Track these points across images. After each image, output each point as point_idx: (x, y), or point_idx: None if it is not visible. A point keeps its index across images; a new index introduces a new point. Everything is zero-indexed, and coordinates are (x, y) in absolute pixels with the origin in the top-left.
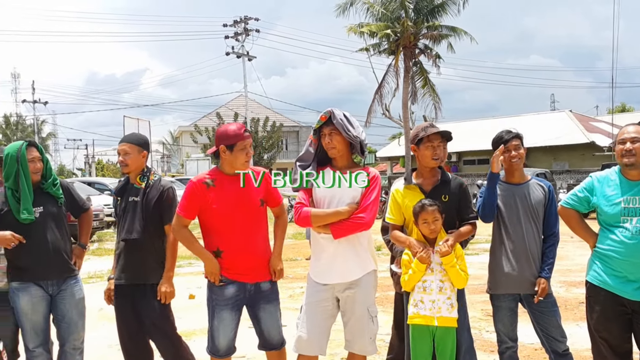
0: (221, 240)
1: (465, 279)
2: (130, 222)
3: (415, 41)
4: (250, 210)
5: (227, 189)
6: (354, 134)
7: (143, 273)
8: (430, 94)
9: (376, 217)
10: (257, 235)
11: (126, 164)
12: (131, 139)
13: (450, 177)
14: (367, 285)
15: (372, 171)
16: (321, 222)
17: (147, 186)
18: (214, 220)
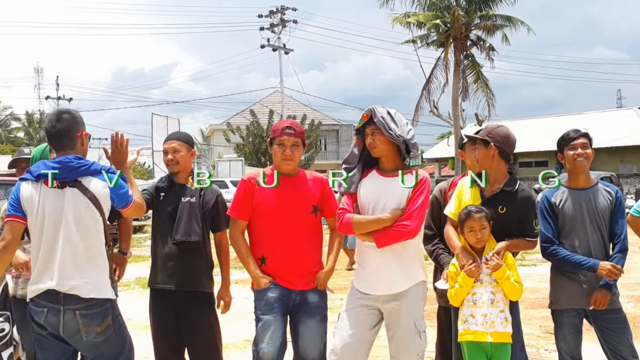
0: (266, 246)
1: (520, 290)
2: (187, 223)
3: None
4: (299, 215)
5: (277, 190)
6: (396, 133)
7: (195, 279)
8: (483, 89)
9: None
10: (306, 244)
11: (177, 162)
12: (181, 136)
13: (516, 187)
14: (415, 297)
15: (421, 174)
16: (363, 229)
17: (202, 188)
18: (259, 221)
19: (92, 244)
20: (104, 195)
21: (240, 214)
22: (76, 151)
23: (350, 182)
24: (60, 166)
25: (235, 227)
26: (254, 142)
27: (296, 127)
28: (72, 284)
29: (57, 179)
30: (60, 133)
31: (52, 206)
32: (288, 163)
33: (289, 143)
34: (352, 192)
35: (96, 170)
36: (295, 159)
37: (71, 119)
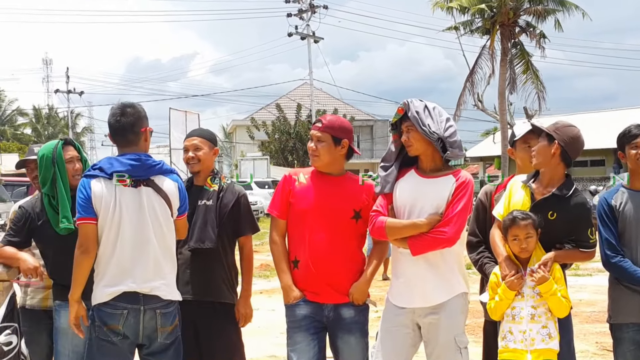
0: (299, 248)
1: (567, 306)
2: (202, 228)
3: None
4: (336, 218)
5: (314, 188)
6: (431, 129)
7: (213, 289)
8: (533, 80)
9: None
10: (342, 252)
11: (198, 160)
12: (203, 133)
13: (571, 192)
14: (454, 310)
15: (462, 175)
16: (397, 234)
17: (221, 189)
18: (293, 221)
19: (168, 244)
20: (175, 195)
21: (278, 212)
22: (139, 147)
23: (385, 181)
24: (139, 164)
25: (274, 226)
26: (280, 139)
27: (326, 120)
28: (153, 285)
29: (134, 177)
30: (125, 128)
31: (129, 205)
32: (313, 159)
33: (314, 137)
34: (386, 193)
35: (167, 169)
36: (321, 155)
37: (135, 113)
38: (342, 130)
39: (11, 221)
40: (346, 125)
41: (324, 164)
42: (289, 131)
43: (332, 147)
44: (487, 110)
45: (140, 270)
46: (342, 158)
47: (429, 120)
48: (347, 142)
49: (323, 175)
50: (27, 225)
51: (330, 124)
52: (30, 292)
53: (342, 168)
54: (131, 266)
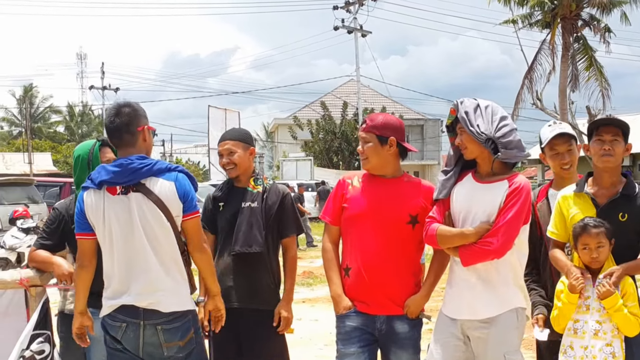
0: (350, 255)
1: (636, 324)
2: (247, 232)
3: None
4: (390, 223)
5: (367, 191)
6: (479, 130)
7: (259, 295)
8: (596, 77)
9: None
10: (396, 260)
11: (234, 164)
12: (234, 135)
13: (636, 190)
14: (507, 325)
15: (517, 181)
16: (448, 243)
17: (265, 190)
18: (346, 226)
19: (165, 254)
20: (172, 196)
21: (330, 218)
22: (138, 148)
23: (442, 186)
24: (121, 169)
25: (327, 233)
26: (324, 138)
27: (370, 119)
28: (150, 299)
29: (119, 184)
30: (120, 128)
31: (118, 216)
32: (362, 162)
33: (360, 139)
34: (442, 198)
35: (160, 169)
36: (369, 156)
37: (131, 112)
38: (388, 127)
39: (45, 223)
40: (392, 122)
41: (374, 166)
42: (334, 130)
43: (379, 147)
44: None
45: (135, 284)
46: (393, 158)
47: (479, 120)
48: (395, 140)
49: (376, 178)
50: (60, 228)
51: (373, 122)
52: (69, 297)
53: (396, 169)
54: (127, 279)
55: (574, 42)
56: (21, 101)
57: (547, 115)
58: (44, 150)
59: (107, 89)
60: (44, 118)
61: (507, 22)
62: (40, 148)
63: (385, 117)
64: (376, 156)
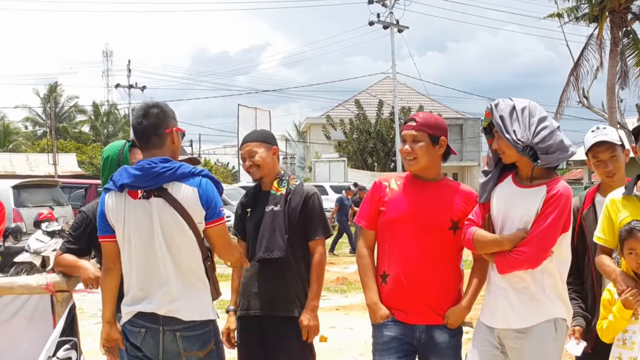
0: (388, 261)
1: None
2: (270, 236)
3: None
4: (431, 228)
5: (407, 195)
6: (516, 137)
7: (283, 302)
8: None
9: None
10: (436, 266)
11: (257, 166)
12: (254, 136)
13: None
14: (543, 336)
15: (556, 187)
16: (483, 248)
17: (289, 192)
18: (383, 230)
19: (186, 262)
20: (194, 202)
21: (366, 222)
22: (165, 150)
23: (482, 189)
24: (142, 173)
25: (362, 238)
26: (359, 139)
27: (420, 117)
28: (170, 307)
29: (141, 188)
30: (148, 130)
31: (139, 221)
32: (409, 162)
33: (408, 138)
34: (482, 202)
35: (184, 174)
36: (419, 156)
37: (160, 114)
38: (439, 127)
39: (71, 227)
40: (442, 122)
41: (422, 167)
42: (369, 130)
43: (431, 147)
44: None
45: (155, 290)
46: (439, 159)
47: (515, 125)
48: (445, 140)
49: (417, 180)
50: (87, 232)
51: (425, 121)
52: None
53: (438, 172)
54: (147, 285)
55: (623, 36)
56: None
57: (594, 113)
58: (69, 151)
59: (133, 88)
60: (68, 118)
61: (551, 16)
62: (65, 149)
63: (435, 116)
64: (427, 156)
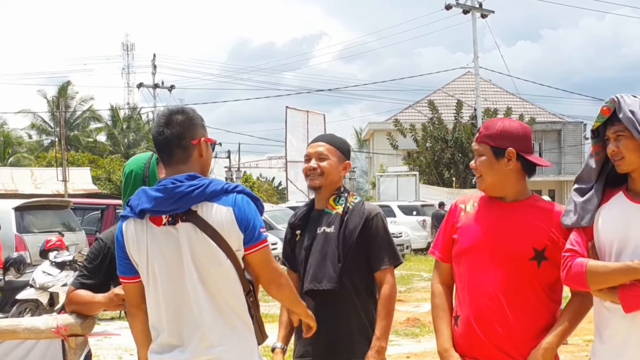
0: (460, 299)
1: None
2: (319, 263)
3: None
4: (509, 259)
5: (481, 219)
6: None
7: (346, 346)
8: None
9: None
10: (517, 305)
11: (321, 173)
12: (333, 139)
13: None
14: None
15: None
16: (602, 282)
17: (346, 211)
18: (455, 264)
19: (224, 298)
20: (230, 224)
21: (441, 253)
22: (192, 165)
23: (582, 210)
24: (164, 195)
25: (437, 272)
26: (433, 148)
27: (485, 127)
28: (208, 355)
29: (165, 213)
30: (170, 142)
31: (164, 253)
32: (477, 180)
33: (474, 151)
34: (583, 226)
35: (215, 191)
36: (483, 173)
37: (185, 122)
38: (506, 136)
39: (86, 258)
40: (512, 130)
41: (489, 186)
42: (446, 137)
43: (494, 162)
44: None
45: (189, 336)
46: (514, 175)
47: None
48: (514, 151)
49: (493, 201)
50: (105, 264)
51: (488, 130)
52: None
53: (519, 189)
54: (178, 329)
55: None
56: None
57: None
58: (82, 165)
59: (159, 87)
60: (81, 124)
61: None
62: (77, 162)
63: (504, 123)
64: (490, 173)
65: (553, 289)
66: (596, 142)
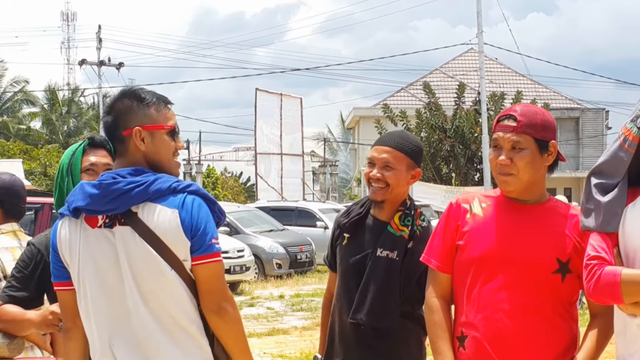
0: (467, 317)
1: None
2: (377, 297)
3: None
4: (530, 273)
5: (494, 223)
6: None
7: None
8: None
9: None
10: (538, 325)
11: (386, 185)
12: (401, 144)
13: None
14: None
15: None
16: (638, 294)
17: (413, 236)
18: (462, 275)
19: (170, 317)
20: (174, 230)
21: (439, 262)
22: (132, 159)
23: (609, 211)
24: (100, 191)
25: (433, 284)
26: (429, 138)
27: (521, 113)
28: None
29: (101, 213)
30: (108, 132)
31: (97, 260)
32: (505, 179)
33: (505, 143)
34: (609, 231)
35: (160, 190)
36: (521, 171)
37: (122, 109)
38: (549, 127)
39: (15, 266)
40: (550, 118)
41: (525, 187)
42: (444, 126)
43: (538, 157)
44: None
45: (126, 357)
46: (545, 173)
47: None
48: (556, 144)
49: (512, 203)
50: (37, 273)
51: (530, 119)
52: None
53: (543, 190)
54: (117, 353)
55: None
56: None
57: None
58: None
59: (105, 65)
60: (12, 109)
61: None
62: (6, 153)
63: (541, 110)
64: (531, 171)
65: (573, 305)
66: (633, 128)
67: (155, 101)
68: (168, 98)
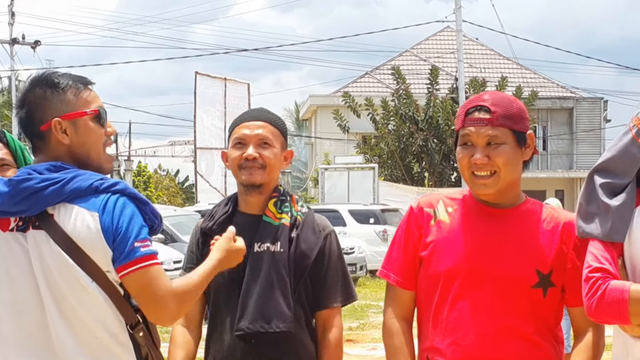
0: (434, 341)
1: None
2: (265, 295)
3: None
4: (507, 288)
5: (462, 231)
6: None
7: None
8: None
9: None
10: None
11: (263, 165)
12: (275, 118)
13: None
14: None
15: None
16: None
17: (295, 223)
18: (428, 292)
19: (92, 336)
20: (93, 236)
21: (399, 276)
22: (54, 155)
23: (619, 218)
24: (9, 189)
25: (391, 302)
26: (398, 131)
27: (493, 102)
28: None
29: (12, 215)
30: (23, 128)
31: (9, 268)
32: (483, 181)
33: (480, 140)
34: (617, 240)
35: (79, 189)
36: (501, 169)
37: (36, 100)
38: (524, 116)
39: None
40: (524, 107)
41: (505, 186)
42: (415, 117)
43: (517, 152)
44: None
45: None
46: (521, 170)
47: None
48: (533, 135)
49: (482, 207)
50: None
51: (505, 108)
52: None
53: (518, 191)
54: None
55: None
56: None
57: None
58: None
59: (18, 43)
60: None
61: None
62: None
63: (510, 97)
64: (511, 168)
65: (557, 325)
66: None
67: (72, 84)
68: (87, 78)
